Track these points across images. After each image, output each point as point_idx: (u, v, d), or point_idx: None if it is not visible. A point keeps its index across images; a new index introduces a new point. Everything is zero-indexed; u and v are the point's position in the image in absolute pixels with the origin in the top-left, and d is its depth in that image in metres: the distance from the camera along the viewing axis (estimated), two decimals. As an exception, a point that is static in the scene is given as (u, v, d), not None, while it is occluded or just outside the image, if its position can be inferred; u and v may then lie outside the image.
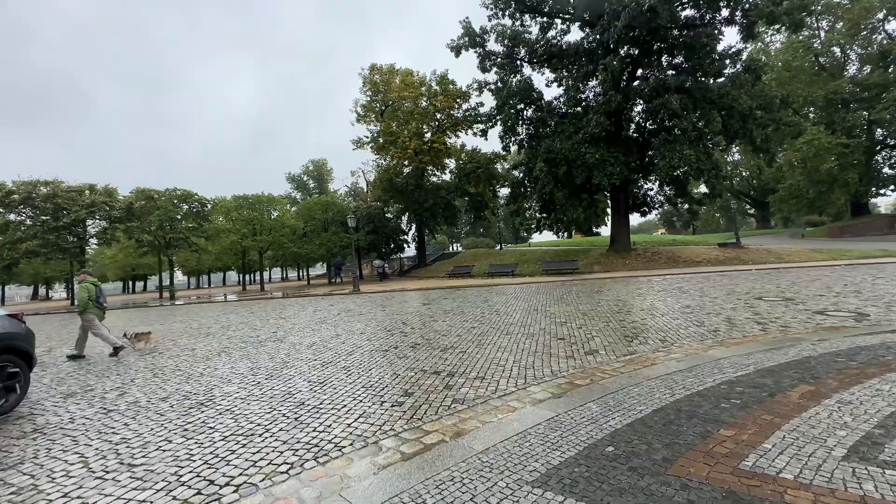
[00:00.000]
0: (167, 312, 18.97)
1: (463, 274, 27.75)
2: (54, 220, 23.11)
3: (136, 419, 4.57)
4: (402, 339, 8.16)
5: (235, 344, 8.92)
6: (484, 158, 34.49)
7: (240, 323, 12.58)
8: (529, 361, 5.99)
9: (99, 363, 7.96)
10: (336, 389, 5.21)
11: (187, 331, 11.64)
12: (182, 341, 9.83)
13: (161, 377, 6.44)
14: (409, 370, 5.91)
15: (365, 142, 35.33)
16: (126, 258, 38.45)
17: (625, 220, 26.33)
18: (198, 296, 32.28)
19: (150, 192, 26.98)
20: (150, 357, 8.15)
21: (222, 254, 31.67)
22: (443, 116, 33.10)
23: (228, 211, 28.78)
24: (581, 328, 8.16)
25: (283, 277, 67.77)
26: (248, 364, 6.92)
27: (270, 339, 9.29)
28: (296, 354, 7.41)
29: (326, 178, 70.64)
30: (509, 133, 28.35)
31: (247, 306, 19.03)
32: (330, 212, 32.46)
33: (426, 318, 10.87)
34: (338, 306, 15.61)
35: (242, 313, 15.68)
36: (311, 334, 9.51)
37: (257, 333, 10.17)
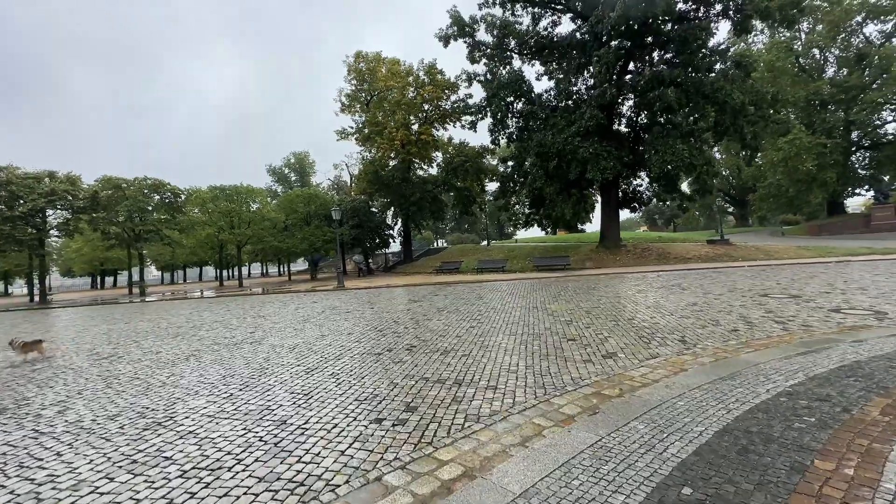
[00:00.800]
0: (135, 310, 17.66)
1: (451, 270, 27.03)
2: (8, 209, 21.27)
3: (74, 446, 3.68)
4: (395, 341, 7.38)
5: (207, 346, 7.98)
6: (472, 152, 33.75)
7: (214, 322, 11.56)
8: (544, 367, 5.31)
9: (46, 369, 6.93)
10: (324, 403, 4.42)
11: (154, 331, 10.58)
12: (146, 343, 8.82)
13: (115, 387, 5.51)
14: (408, 378, 5.15)
15: (350, 132, 34.13)
16: (92, 251, 36.30)
17: (615, 215, 26.03)
18: (172, 292, 30.67)
19: (118, 181, 25.24)
20: (106, 362, 7.16)
21: (197, 248, 30.10)
22: (431, 108, 32.20)
23: (204, 202, 27.27)
24: (589, 328, 7.55)
25: (264, 273, 65.85)
26: (220, 371, 6.04)
27: (247, 340, 8.37)
28: (276, 359, 6.56)
29: (309, 172, 68.85)
30: (499, 126, 27.66)
31: (223, 303, 17.88)
32: (313, 205, 31.23)
33: (419, 316, 10.10)
34: (322, 303, 14.68)
35: (218, 311, 14.60)
36: (293, 335, 8.63)
37: (233, 334, 9.22)
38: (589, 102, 22.39)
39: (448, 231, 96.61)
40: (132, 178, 25.79)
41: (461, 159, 33.36)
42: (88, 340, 9.68)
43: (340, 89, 32.91)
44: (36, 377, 6.40)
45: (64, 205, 22.94)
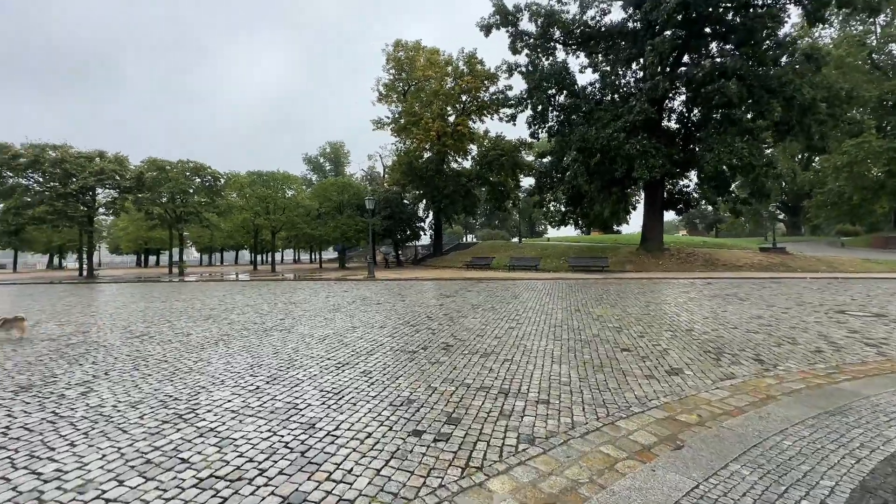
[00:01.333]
0: (172, 289, 18.07)
1: (482, 265, 26.41)
2: (62, 186, 22.30)
3: (89, 436, 3.38)
4: (430, 338, 6.91)
5: (237, 331, 7.77)
6: (508, 146, 32.86)
7: (245, 306, 11.49)
8: (600, 380, 4.70)
9: (80, 345, 6.87)
10: (356, 406, 3.98)
11: (187, 311, 10.57)
12: (178, 324, 8.73)
13: (141, 370, 5.30)
14: (447, 382, 4.65)
15: (385, 123, 33.93)
16: (137, 231, 37.92)
17: (658, 217, 24.62)
18: (209, 273, 31.58)
19: (162, 163, 26.07)
20: (137, 341, 7.04)
21: (234, 231, 30.77)
22: (468, 98, 31.49)
23: (242, 187, 27.76)
24: (643, 337, 6.82)
25: (296, 259, 67.25)
26: (248, 359, 5.75)
27: (277, 327, 8.12)
28: (305, 350, 6.21)
29: (343, 161, 69.63)
30: (539, 119, 26.70)
31: (256, 287, 18.03)
32: (346, 194, 31.28)
33: (453, 312, 9.60)
34: (352, 293, 14.45)
35: (250, 295, 14.63)
36: (323, 325, 8.32)
37: (263, 320, 9.02)
38: (638, 96, 21.11)
39: (478, 226, 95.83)
40: (175, 160, 26.60)
41: (496, 153, 32.57)
42: (125, 317, 9.75)
43: (378, 79, 32.79)
44: (69, 353, 6.32)
45: (112, 184, 23.87)
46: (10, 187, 22.79)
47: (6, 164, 21.74)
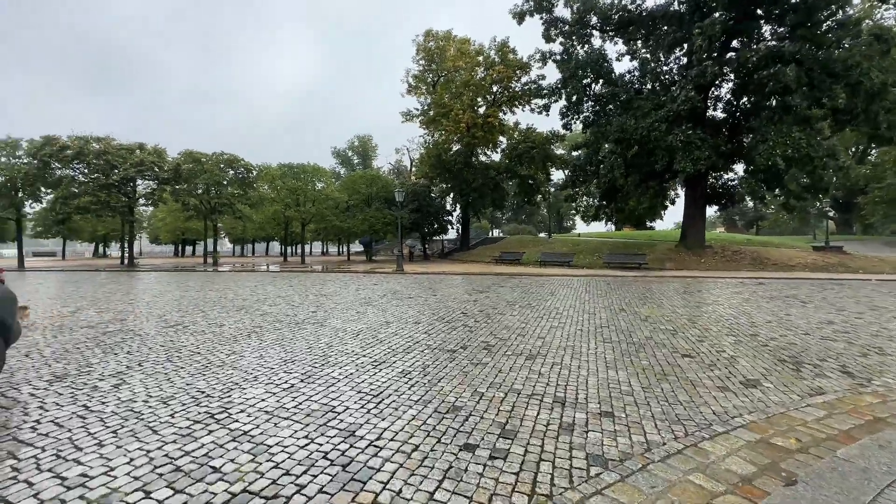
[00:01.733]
0: (206, 279, 18.39)
1: (512, 261, 25.82)
2: (105, 177, 23.14)
3: (118, 435, 3.16)
4: (468, 336, 6.51)
5: (269, 323, 7.60)
6: (539, 138, 31.94)
7: (277, 297, 11.42)
8: (667, 391, 4.18)
9: (116, 333, 6.85)
10: (398, 410, 3.63)
11: (220, 301, 10.57)
12: (211, 314, 8.67)
13: (174, 362, 5.13)
14: (493, 387, 4.24)
15: (414, 114, 33.61)
16: (174, 221, 39.21)
17: (700, 213, 23.29)
18: (241, 264, 32.31)
19: (198, 155, 26.70)
20: (171, 331, 6.96)
21: (265, 223, 31.31)
22: (499, 89, 30.72)
23: (273, 179, 28.13)
24: (703, 342, 6.20)
25: (324, 251, 68.28)
26: (281, 353, 5.51)
27: (309, 320, 7.91)
28: (340, 346, 5.93)
29: (371, 155, 69.99)
30: (573, 110, 25.74)
31: (286, 278, 18.12)
32: (374, 186, 31.22)
33: (489, 308, 9.17)
34: (382, 286, 14.23)
35: (281, 286, 14.64)
36: (356, 318, 8.06)
37: (295, 312, 8.86)
38: (682, 83, 19.89)
39: (504, 221, 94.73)
40: (210, 152, 27.19)
41: (527, 145, 31.73)
42: (160, 306, 9.81)
43: (408, 70, 32.46)
44: (105, 341, 6.28)
45: (150, 175, 24.64)
46: (58, 178, 23.87)
47: (54, 156, 22.73)
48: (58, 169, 23.75)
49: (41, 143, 22.92)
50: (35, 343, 6.18)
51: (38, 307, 9.70)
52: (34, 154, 22.89)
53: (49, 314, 8.72)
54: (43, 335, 6.71)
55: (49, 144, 22.72)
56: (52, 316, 8.51)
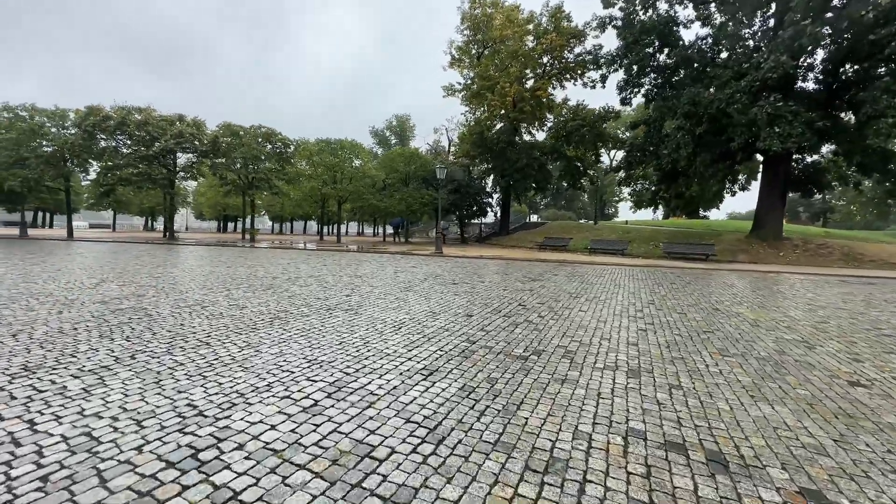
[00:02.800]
0: (241, 254, 17.89)
1: (557, 247, 24.03)
2: (146, 148, 23.15)
3: (49, 482, 2.04)
4: (537, 337, 5.13)
5: (296, 308, 6.52)
6: (590, 115, 29.42)
7: (309, 276, 10.44)
8: (874, 445, 2.67)
9: (126, 310, 5.96)
10: (469, 463, 2.33)
11: (249, 279, 9.69)
12: (235, 294, 7.73)
13: (176, 355, 4.08)
14: (601, 425, 2.86)
15: (456, 89, 31.81)
16: (214, 197, 39.70)
17: (779, 200, 20.48)
18: (279, 241, 32.21)
19: (236, 128, 26.33)
20: (186, 312, 6.00)
21: (302, 200, 30.89)
22: (550, 60, 28.35)
23: (311, 155, 27.43)
24: (862, 361, 4.54)
25: (359, 232, 68.36)
26: (306, 350, 4.35)
27: (342, 305, 6.77)
28: (378, 342, 4.71)
29: (408, 135, 68.69)
30: (633, 82, 23.25)
31: (321, 257, 17.30)
32: (413, 165, 29.94)
33: (550, 301, 7.74)
34: (422, 269, 13.03)
35: (315, 264, 13.75)
36: (396, 306, 6.85)
37: (327, 295, 7.77)
38: (771, 48, 17.11)
39: (542, 206, 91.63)
40: (248, 125, 26.76)
41: (576, 123, 29.31)
42: (185, 282, 9.03)
43: (451, 41, 30.56)
44: (110, 321, 5.37)
45: (190, 147, 24.50)
46: (103, 149, 24.18)
47: (98, 126, 22.91)
48: (102, 140, 24.02)
49: (85, 112, 23.17)
50: (34, 319, 5.35)
51: (63, 278, 9.14)
52: (79, 124, 23.20)
53: (70, 286, 8.07)
54: (49, 310, 5.92)
55: (93, 114, 22.91)
56: (72, 288, 7.85)
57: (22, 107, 23.60)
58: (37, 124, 23.10)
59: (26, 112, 23.49)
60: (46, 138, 23.11)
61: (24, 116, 23.28)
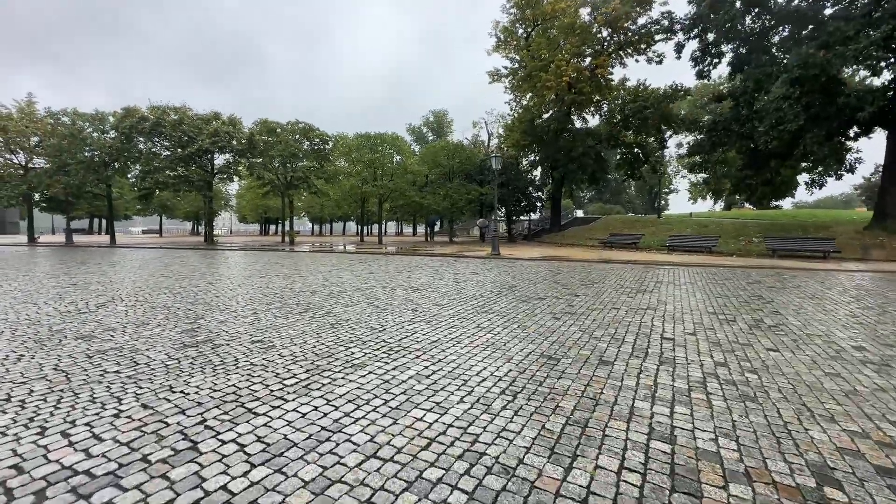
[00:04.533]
0: (278, 260, 16.38)
1: (625, 245, 21.11)
2: (182, 149, 22.34)
3: None
4: (763, 423, 2.74)
5: (344, 347, 4.45)
6: (654, 95, 26.04)
7: (355, 290, 8.47)
8: None
9: (112, 352, 4.12)
10: None
11: (283, 295, 7.83)
12: (264, 318, 5.81)
13: (125, 478, 2.04)
14: None
15: (503, 74, 29.26)
16: (254, 198, 39.24)
17: (914, 182, 16.60)
18: (319, 243, 31.04)
19: (273, 125, 25.18)
20: (188, 361, 4.07)
21: (341, 200, 29.48)
22: (610, 33, 25.23)
23: (350, 151, 25.85)
24: None
25: (398, 231, 67.12)
26: (362, 446, 2.18)
27: (407, 342, 4.65)
28: (500, 443, 2.48)
29: (446, 131, 66.77)
30: (710, 52, 19.96)
31: (364, 262, 15.47)
32: (456, 158, 27.75)
33: (704, 333, 5.29)
34: (486, 276, 10.80)
35: (360, 272, 11.84)
36: (484, 343, 4.63)
37: (382, 321, 5.71)
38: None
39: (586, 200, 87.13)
40: (285, 122, 25.58)
41: (638, 105, 26.03)
42: (206, 301, 7.32)
43: (496, 22, 27.94)
44: (72, 376, 3.52)
45: (226, 147, 23.53)
46: (140, 152, 23.69)
47: (135, 128, 22.31)
48: (140, 142, 23.50)
49: (122, 114, 22.67)
50: (-35, 377, 3.58)
51: (70, 297, 7.65)
52: (117, 126, 22.74)
53: (70, 308, 6.49)
54: (15, 350, 4.19)
55: (129, 116, 22.35)
56: (69, 312, 6.24)
57: (63, 112, 23.48)
58: (78, 129, 22.86)
59: (67, 117, 23.33)
60: (87, 143, 22.81)
61: (66, 122, 23.11)
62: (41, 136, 23.29)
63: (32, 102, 24.33)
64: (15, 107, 23.98)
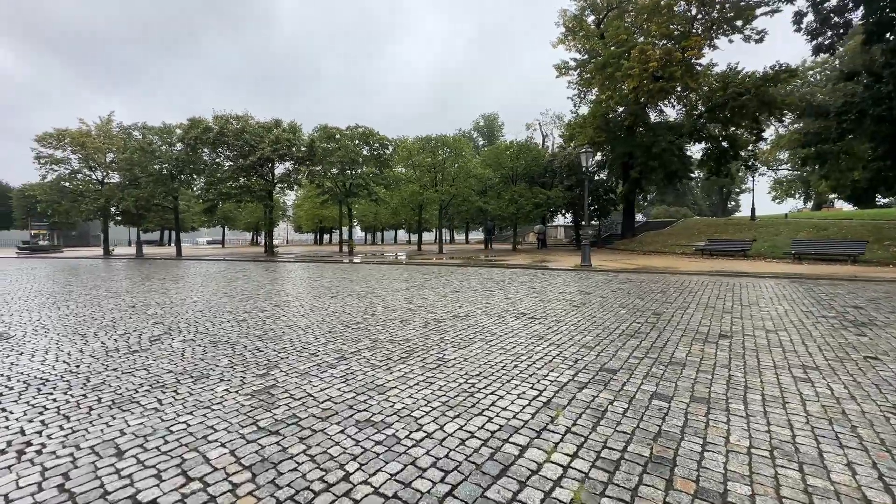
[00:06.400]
0: (344, 273, 15.11)
1: (731, 252, 18.02)
2: (243, 159, 22.04)
3: None
4: None
5: (501, 437, 2.60)
6: (751, 79, 22.61)
7: (452, 317, 6.71)
8: None
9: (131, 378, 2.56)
10: None
11: (367, 326, 6.21)
12: (357, 370, 4.13)
13: None
14: None
15: (571, 67, 26.88)
16: (312, 208, 39.17)
17: None
18: (375, 252, 30.07)
19: (332, 131, 24.45)
20: (256, 447, 2.39)
21: (399, 207, 28.30)
22: (700, 9, 22.17)
23: (410, 155, 24.57)
24: None
25: (450, 238, 65.86)
26: None
27: (603, 425, 2.72)
28: None
29: (497, 135, 64.89)
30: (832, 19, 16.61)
31: (438, 275, 13.81)
32: (522, 159, 25.65)
33: None
34: (597, 293, 8.68)
35: (441, 289, 10.13)
36: (709, 450, 2.60)
37: (526, 376, 3.84)
38: None
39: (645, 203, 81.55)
40: (344, 127, 24.80)
41: (732, 91, 22.70)
42: (279, 330, 5.88)
43: (562, 10, 25.73)
44: (125, 426, 1.94)
45: (286, 154, 23.03)
46: (204, 163, 23.84)
47: (199, 139, 22.35)
48: (204, 154, 23.63)
49: (187, 125, 22.82)
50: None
51: (127, 324, 6.49)
52: (183, 138, 22.96)
53: (125, 341, 5.21)
54: (38, 415, 2.76)
55: (194, 127, 22.43)
56: (119, 350, 4.95)
57: (134, 126, 24.13)
58: (147, 143, 23.32)
59: (138, 132, 23.92)
60: (156, 156, 23.22)
61: (137, 136, 23.68)
62: (116, 152, 24.05)
63: (111, 120, 25.33)
64: (95, 124, 25.04)
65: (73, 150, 23.90)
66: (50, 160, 23.89)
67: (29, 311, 7.54)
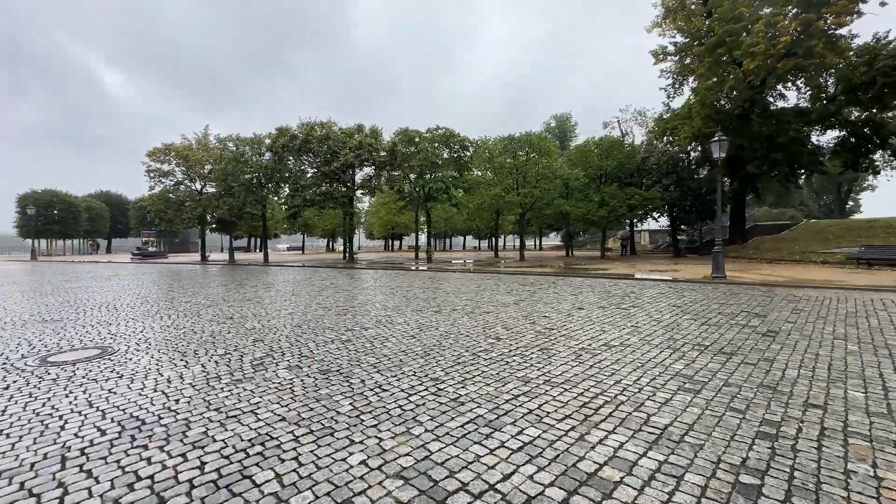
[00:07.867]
0: (433, 283, 14.14)
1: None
2: (326, 165, 22.22)
3: None
4: None
5: None
6: (906, 50, 18.38)
7: (602, 345, 5.21)
8: None
9: None
10: None
11: (505, 358, 4.94)
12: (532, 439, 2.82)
13: None
14: None
15: (670, 52, 24.01)
16: (387, 214, 39.32)
17: None
18: (450, 258, 29.15)
19: (413, 134, 23.95)
20: None
21: (476, 212, 27.11)
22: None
23: (492, 157, 23.29)
24: None
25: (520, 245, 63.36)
26: None
27: None
28: None
29: (569, 136, 61.62)
30: None
31: (539, 286, 12.30)
32: (612, 158, 23.25)
33: None
34: (761, 318, 6.66)
35: (555, 303, 8.65)
36: None
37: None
38: None
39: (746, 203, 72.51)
40: (424, 129, 24.24)
41: (883, 66, 18.63)
42: (395, 356, 4.82)
43: (660, -8, 23.13)
44: None
45: (368, 160, 22.93)
46: (290, 170, 24.54)
47: (286, 146, 22.99)
48: (290, 161, 24.31)
49: (275, 134, 23.59)
50: None
51: (227, 342, 5.85)
52: (271, 147, 23.79)
53: (226, 366, 4.44)
54: None
55: (282, 135, 23.11)
56: (219, 378, 4.15)
57: (229, 138, 25.53)
58: (240, 153, 24.51)
59: (232, 143, 25.26)
60: (248, 165, 24.33)
61: (231, 147, 25.01)
62: (213, 163, 25.66)
63: (207, 133, 27.19)
64: (195, 138, 27.00)
65: (177, 163, 25.92)
66: (158, 173, 26.09)
67: (133, 321, 7.30)
